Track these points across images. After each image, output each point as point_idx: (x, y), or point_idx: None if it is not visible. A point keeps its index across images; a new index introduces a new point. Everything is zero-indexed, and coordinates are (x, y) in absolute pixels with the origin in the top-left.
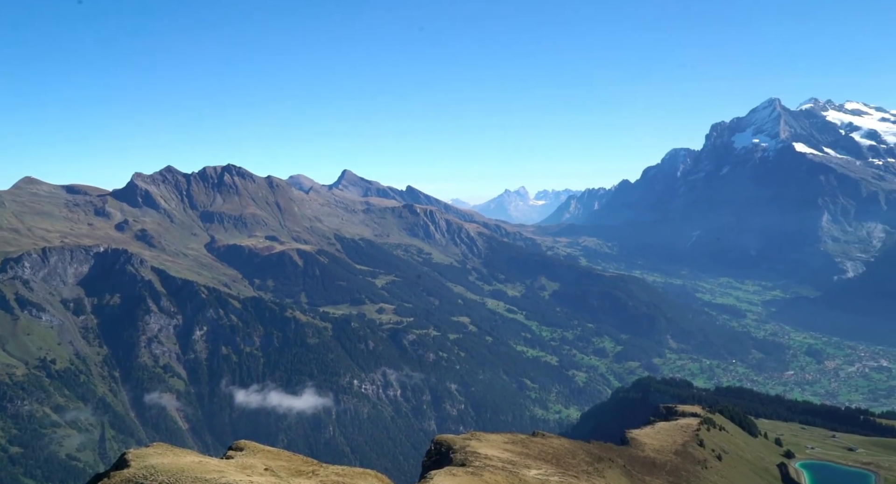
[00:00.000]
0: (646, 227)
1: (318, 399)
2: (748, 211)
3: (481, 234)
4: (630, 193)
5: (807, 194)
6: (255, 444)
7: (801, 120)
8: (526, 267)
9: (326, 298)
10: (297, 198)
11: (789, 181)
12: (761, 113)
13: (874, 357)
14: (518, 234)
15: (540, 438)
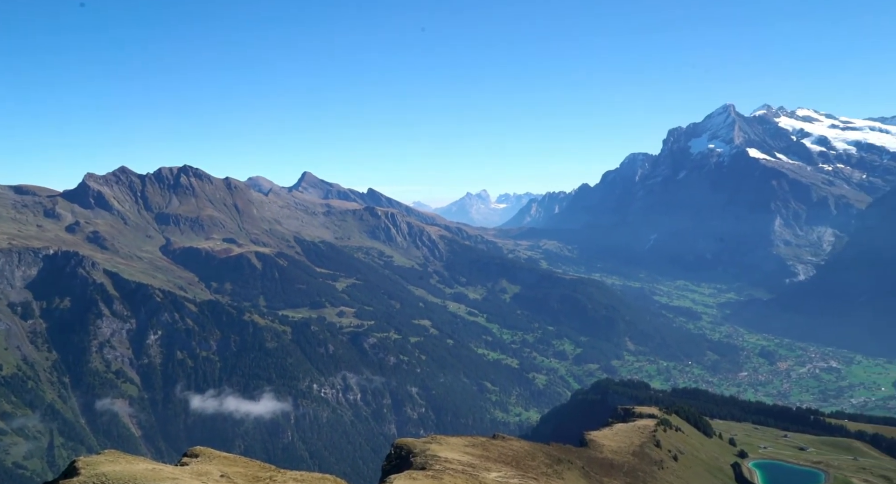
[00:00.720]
0: (605, 231)
1: (277, 404)
2: (704, 215)
3: (443, 237)
4: (590, 197)
5: (760, 199)
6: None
7: (755, 126)
8: (487, 270)
9: (286, 301)
10: (255, 200)
11: (743, 186)
12: (716, 119)
13: (824, 358)
14: (479, 237)
15: (500, 441)
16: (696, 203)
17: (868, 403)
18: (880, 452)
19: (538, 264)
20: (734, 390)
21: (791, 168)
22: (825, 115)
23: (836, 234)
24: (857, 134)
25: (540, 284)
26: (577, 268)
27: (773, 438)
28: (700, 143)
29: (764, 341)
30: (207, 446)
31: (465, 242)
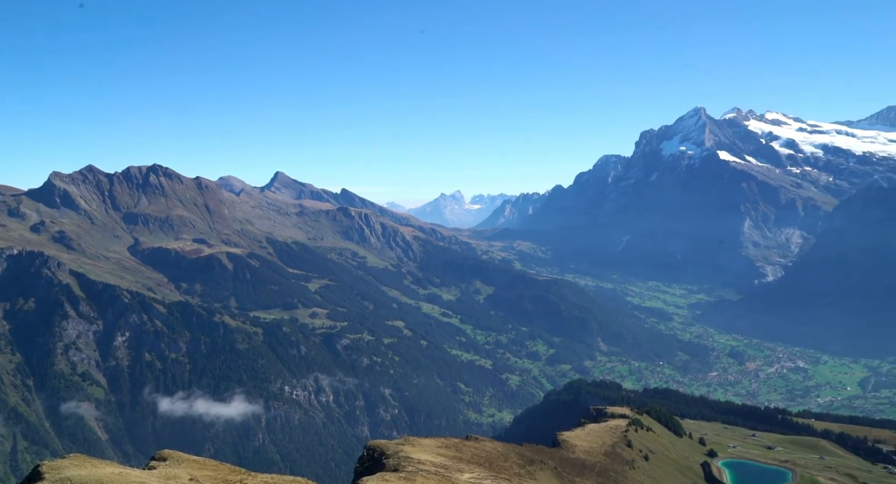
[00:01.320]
0: (578, 232)
1: (248, 406)
2: (675, 216)
3: (417, 238)
4: (563, 199)
5: (730, 201)
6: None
7: (725, 129)
8: (461, 271)
9: (257, 302)
10: (227, 200)
11: (714, 188)
12: (687, 121)
13: (791, 358)
14: (454, 238)
15: (473, 442)
16: (668, 204)
17: (834, 403)
18: (846, 450)
19: (512, 265)
20: (704, 390)
21: (760, 170)
22: (793, 119)
23: (803, 235)
24: (824, 137)
25: (514, 284)
26: (551, 269)
27: (741, 437)
28: (672, 146)
29: (733, 342)
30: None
31: (439, 243)
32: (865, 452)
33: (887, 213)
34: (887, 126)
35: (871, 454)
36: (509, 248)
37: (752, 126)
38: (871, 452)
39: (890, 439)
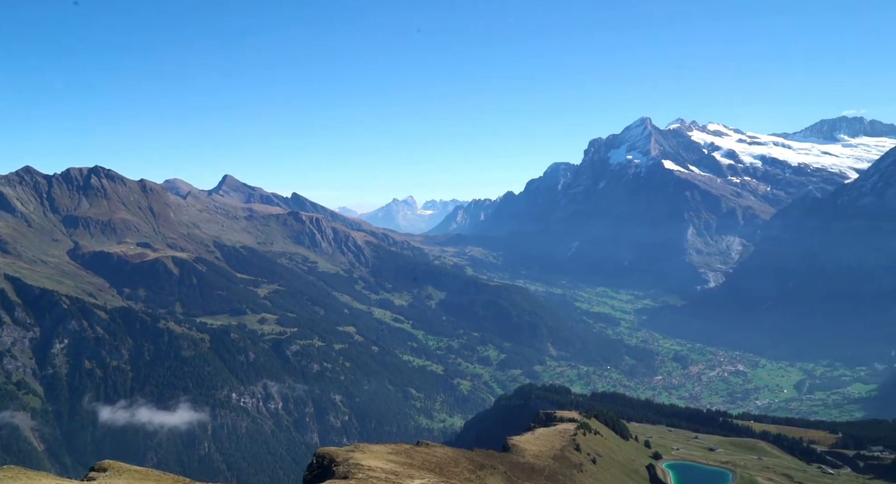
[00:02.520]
0: (529, 238)
1: (194, 414)
2: (623, 223)
3: (369, 243)
4: (514, 205)
5: (674, 209)
6: (121, 463)
7: (670, 139)
8: (413, 276)
9: (204, 307)
10: (173, 203)
11: (659, 196)
12: (634, 131)
13: (732, 362)
14: (406, 244)
15: (424, 448)
16: (616, 212)
17: (772, 405)
18: (782, 451)
19: (464, 271)
20: (650, 394)
21: (702, 180)
22: (733, 130)
23: (743, 243)
24: (762, 148)
25: (465, 290)
26: (502, 274)
27: (685, 439)
28: (619, 154)
29: (678, 346)
30: (117, 460)
31: (392, 248)
32: (801, 453)
33: (821, 222)
34: (820, 139)
35: (806, 454)
36: (461, 253)
37: (695, 136)
38: (806, 453)
39: (823, 440)
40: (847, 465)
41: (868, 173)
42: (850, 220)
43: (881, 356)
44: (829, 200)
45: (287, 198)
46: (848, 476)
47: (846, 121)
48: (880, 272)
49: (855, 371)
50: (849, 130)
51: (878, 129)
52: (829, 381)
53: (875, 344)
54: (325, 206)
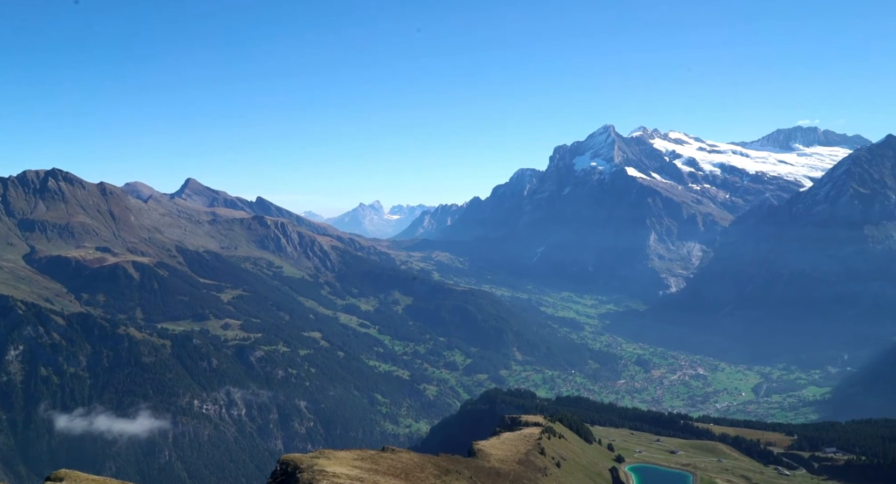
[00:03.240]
0: (495, 243)
1: (154, 422)
2: (587, 229)
3: (335, 248)
4: (481, 210)
5: (637, 215)
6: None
7: (633, 146)
8: (380, 281)
9: (166, 313)
10: (134, 207)
11: (622, 203)
12: (598, 138)
13: (693, 366)
14: (372, 249)
15: (389, 454)
16: (580, 218)
17: (731, 408)
18: (741, 453)
19: (430, 276)
20: (613, 397)
21: (664, 187)
22: (694, 138)
23: (703, 249)
24: (721, 157)
25: (432, 295)
26: (468, 279)
27: (647, 442)
28: (583, 161)
29: (640, 350)
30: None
31: (358, 253)
32: (758, 455)
33: (777, 228)
34: (777, 148)
35: (763, 456)
36: (428, 258)
37: (656, 144)
38: (764, 455)
39: (780, 442)
40: (802, 466)
41: (821, 182)
42: (804, 227)
43: (834, 360)
44: (785, 208)
45: (252, 202)
46: (803, 477)
47: (801, 130)
48: (833, 278)
49: (810, 374)
50: (804, 140)
51: (831, 139)
52: (786, 384)
53: (829, 348)
54: (290, 211)
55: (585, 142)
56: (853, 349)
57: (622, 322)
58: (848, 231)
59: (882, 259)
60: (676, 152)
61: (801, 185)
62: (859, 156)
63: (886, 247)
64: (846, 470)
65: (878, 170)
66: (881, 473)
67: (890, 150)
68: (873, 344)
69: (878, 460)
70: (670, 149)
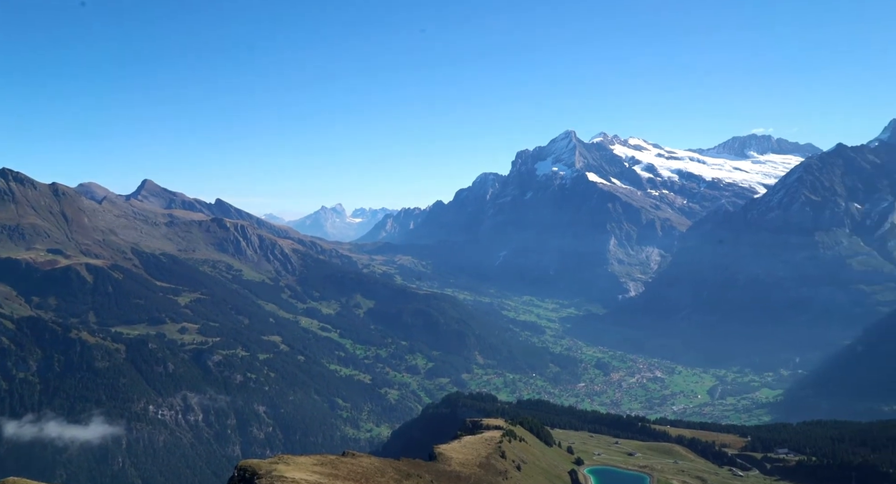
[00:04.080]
0: (458, 247)
1: (108, 428)
2: (549, 234)
3: (296, 251)
4: (444, 214)
5: (597, 220)
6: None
7: (593, 152)
8: (342, 285)
9: (120, 317)
10: (87, 208)
11: (583, 207)
12: (560, 143)
13: (650, 369)
14: (334, 252)
15: (350, 458)
16: (542, 222)
17: (687, 410)
18: (696, 454)
19: (393, 279)
20: (573, 400)
21: (624, 192)
22: (653, 145)
23: (661, 254)
24: (679, 163)
25: (394, 299)
26: (431, 283)
27: (606, 444)
28: (545, 166)
29: (600, 353)
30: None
31: (320, 256)
32: (713, 456)
33: (733, 234)
34: (732, 155)
35: (718, 458)
36: (390, 262)
37: (617, 150)
38: (718, 456)
39: (734, 443)
40: (755, 467)
41: (775, 189)
42: (758, 233)
43: (786, 363)
44: (740, 214)
45: (210, 204)
46: (756, 478)
47: (756, 138)
48: (786, 283)
49: (763, 377)
50: (758, 148)
51: (784, 147)
52: (740, 386)
53: (781, 351)
54: (250, 213)
55: (547, 147)
56: (804, 353)
57: (582, 326)
58: (800, 237)
59: (832, 265)
60: (636, 158)
61: (756, 191)
62: (810, 164)
63: (836, 253)
64: (797, 470)
65: (828, 178)
66: (830, 473)
67: (840, 158)
68: (823, 347)
69: (827, 461)
70: (630, 155)
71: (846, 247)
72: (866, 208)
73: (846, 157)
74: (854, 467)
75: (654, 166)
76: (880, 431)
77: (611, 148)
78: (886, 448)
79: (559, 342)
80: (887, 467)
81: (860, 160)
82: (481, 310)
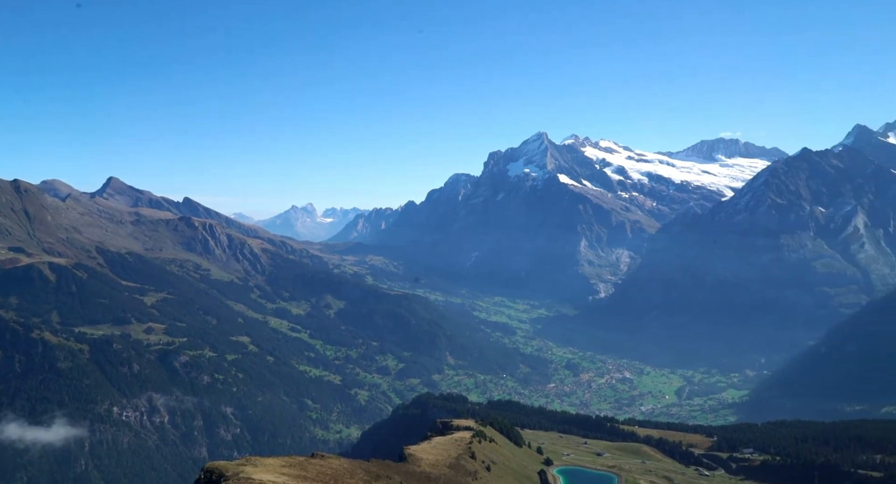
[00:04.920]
0: (430, 248)
1: (70, 430)
2: (520, 235)
3: (266, 251)
4: (416, 215)
5: (568, 221)
6: None
7: (565, 154)
8: (312, 285)
9: (84, 317)
10: (51, 205)
11: (554, 209)
12: (532, 145)
13: (619, 369)
14: (305, 252)
15: (319, 460)
16: (514, 223)
17: (655, 410)
18: (664, 454)
19: (364, 280)
20: (543, 401)
21: (595, 194)
22: (623, 147)
23: (631, 255)
24: (648, 166)
25: (365, 299)
26: (403, 284)
27: (575, 445)
28: (517, 167)
29: (570, 354)
30: None
31: (290, 256)
32: (680, 456)
33: (701, 236)
34: (701, 158)
35: (685, 457)
36: (362, 262)
37: (588, 152)
38: (685, 456)
39: (700, 443)
40: (721, 466)
41: (742, 192)
42: (726, 235)
43: (752, 363)
44: (708, 216)
45: (178, 202)
46: (722, 477)
47: (723, 142)
48: (753, 285)
49: (729, 378)
50: (726, 151)
51: (751, 151)
52: (707, 387)
53: (747, 352)
54: (219, 212)
55: (519, 148)
56: (769, 354)
57: (553, 327)
58: (766, 240)
59: (797, 267)
60: (606, 160)
61: (723, 194)
62: (777, 168)
63: (801, 255)
64: (762, 470)
65: (793, 181)
66: (794, 472)
67: (805, 162)
68: (788, 349)
69: (790, 460)
70: (601, 157)
71: (810, 250)
72: (830, 212)
73: (811, 161)
74: (817, 467)
75: (625, 169)
76: (842, 430)
77: (582, 150)
78: (848, 448)
79: (530, 343)
80: (849, 466)
81: (824, 165)
82: (453, 310)
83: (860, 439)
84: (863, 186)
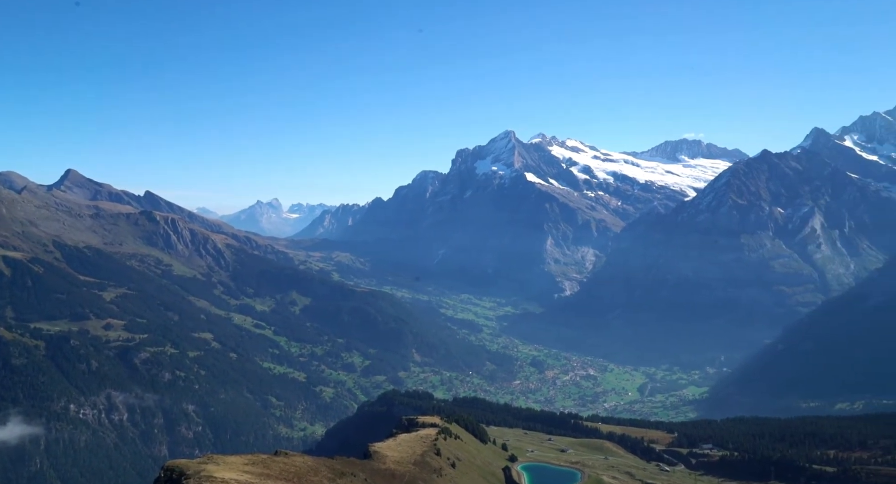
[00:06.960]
0: (397, 245)
1: (25, 428)
2: (487, 233)
3: (230, 246)
4: (383, 211)
5: (535, 220)
6: None
7: (532, 152)
8: (277, 281)
9: (40, 312)
10: (5, 198)
11: (521, 207)
12: (499, 143)
13: (584, 367)
14: (270, 248)
15: (282, 458)
16: (481, 221)
17: (618, 407)
18: (626, 450)
19: (330, 276)
20: (508, 398)
21: (561, 193)
22: (589, 147)
23: (596, 254)
24: (614, 165)
25: (331, 296)
26: (369, 280)
27: (539, 441)
28: (485, 165)
29: (535, 352)
30: None
31: (254, 252)
32: (642, 452)
33: (665, 235)
34: (664, 158)
35: (646, 453)
36: (328, 258)
37: (555, 151)
38: (647, 452)
39: (661, 439)
40: (681, 462)
41: (704, 192)
42: (688, 234)
43: (712, 361)
44: (671, 216)
45: (139, 196)
46: (682, 473)
47: (687, 143)
48: (714, 283)
49: (690, 375)
50: (689, 152)
51: (713, 152)
52: (668, 384)
53: (707, 350)
54: (182, 207)
55: (487, 146)
56: (729, 351)
57: (519, 324)
58: (727, 239)
59: (756, 267)
60: (573, 160)
61: (686, 195)
62: (738, 169)
63: (760, 255)
64: (720, 465)
65: (754, 182)
66: (751, 467)
67: (765, 164)
68: (747, 347)
69: (748, 456)
70: (567, 156)
71: (769, 249)
72: (788, 213)
73: (771, 163)
74: (773, 462)
75: (591, 168)
76: (798, 426)
77: (549, 149)
78: (803, 443)
79: (496, 340)
80: (804, 462)
81: (783, 166)
82: (419, 308)
83: (815, 435)
84: (820, 188)
